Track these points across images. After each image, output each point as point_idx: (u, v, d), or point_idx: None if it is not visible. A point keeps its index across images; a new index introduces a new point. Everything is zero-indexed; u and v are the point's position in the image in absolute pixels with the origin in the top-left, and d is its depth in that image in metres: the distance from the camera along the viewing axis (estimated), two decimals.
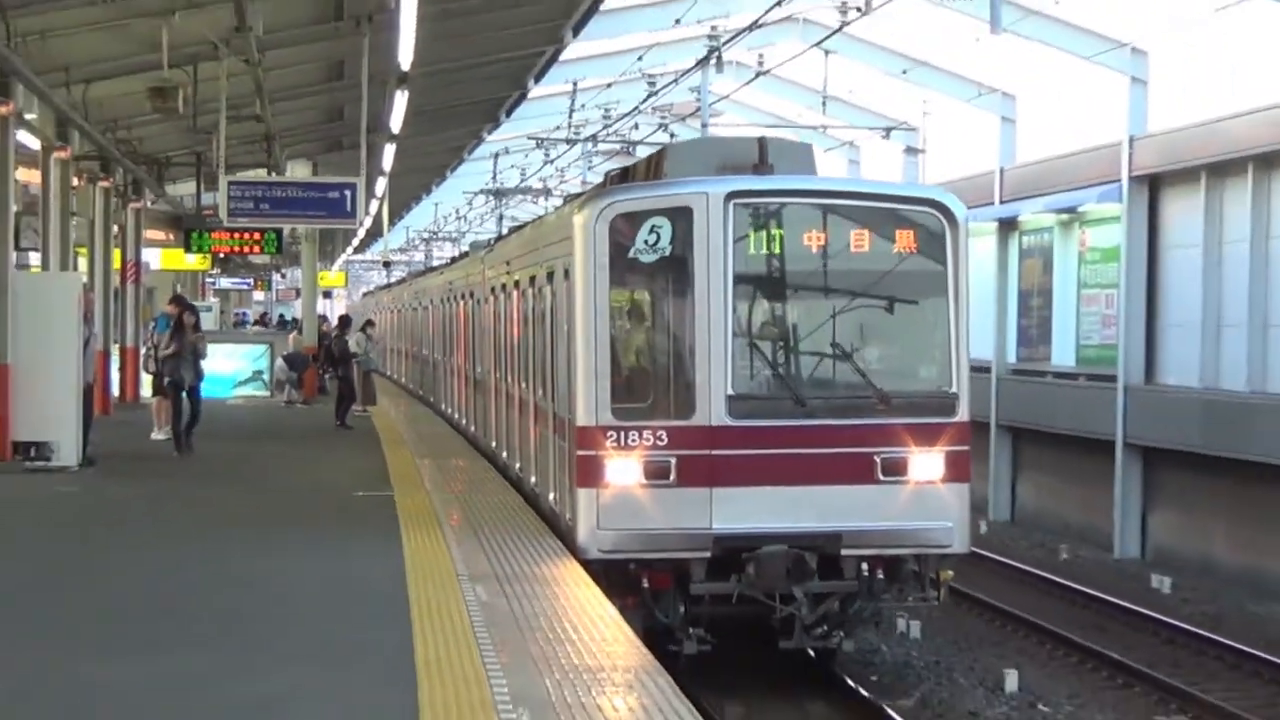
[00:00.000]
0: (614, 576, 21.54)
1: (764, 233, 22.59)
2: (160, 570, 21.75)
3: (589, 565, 21.30)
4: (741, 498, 22.00)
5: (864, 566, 22.32)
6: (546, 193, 66.03)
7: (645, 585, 21.95)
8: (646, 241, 21.99)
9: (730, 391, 21.96)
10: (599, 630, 17.61)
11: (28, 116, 35.16)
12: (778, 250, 22.69)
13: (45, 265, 39.63)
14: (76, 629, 17.86)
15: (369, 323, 56.78)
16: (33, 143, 37.66)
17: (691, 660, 22.27)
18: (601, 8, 40.71)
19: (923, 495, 22.30)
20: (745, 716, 23.82)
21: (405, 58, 31.39)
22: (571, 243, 22.72)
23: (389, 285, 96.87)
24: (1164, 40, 43.25)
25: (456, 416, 44.70)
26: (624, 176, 27.35)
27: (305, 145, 54.78)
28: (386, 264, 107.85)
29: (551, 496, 25.09)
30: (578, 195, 34.12)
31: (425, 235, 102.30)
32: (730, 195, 22.13)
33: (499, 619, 17.95)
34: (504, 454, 33.09)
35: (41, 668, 15.91)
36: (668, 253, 22.13)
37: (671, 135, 51.10)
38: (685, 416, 22.02)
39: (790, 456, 22.18)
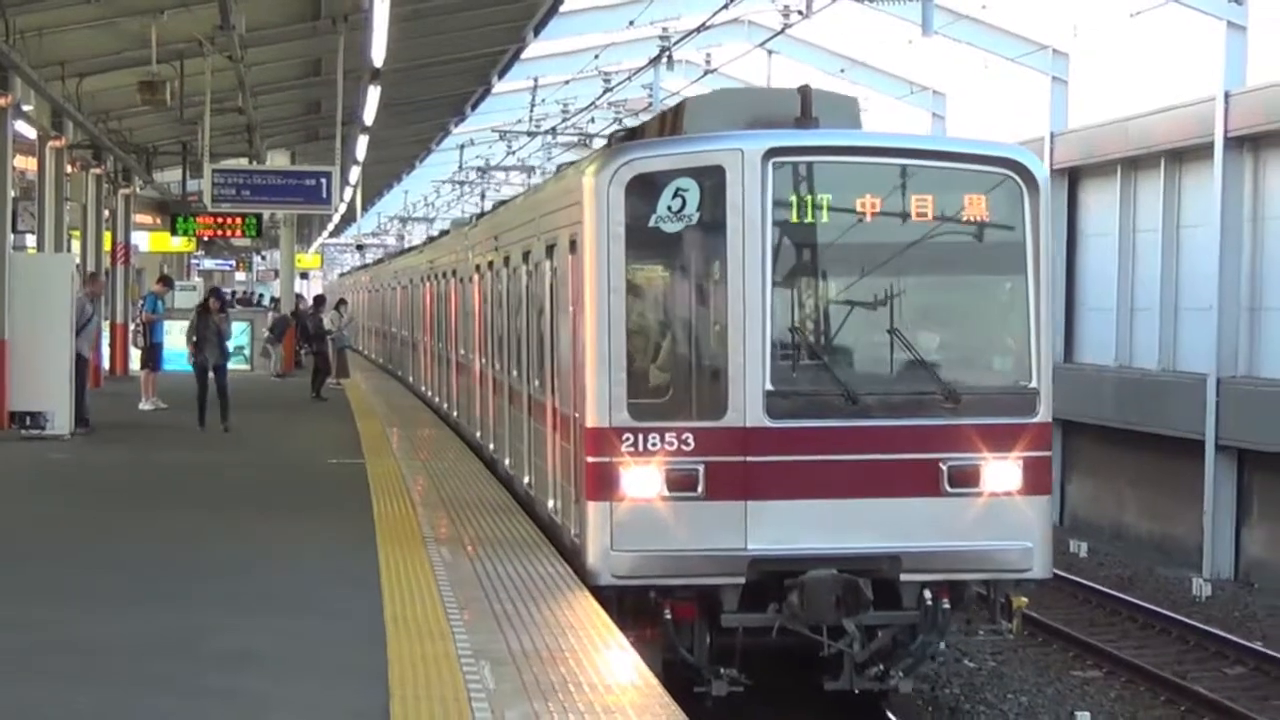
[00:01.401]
0: (630, 605, 16.92)
1: (809, 197, 17.32)
2: (147, 531, 21.50)
3: (600, 592, 16.60)
4: (782, 513, 16.88)
5: (927, 594, 17.18)
6: (528, 170, 65.39)
7: (668, 616, 17.04)
8: (670, 208, 16.86)
9: (769, 387, 16.84)
10: (558, 589, 16.96)
11: (25, 108, 35.15)
12: (825, 218, 17.37)
13: (40, 247, 39.55)
14: (68, 586, 17.63)
15: (341, 301, 57.20)
16: (29, 132, 37.60)
17: (719, 701, 17.40)
18: (560, 9, 40.68)
19: (997, 510, 17.15)
20: None
21: (378, 55, 31.38)
22: (580, 209, 17.57)
23: (364, 266, 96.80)
24: (1082, 43, 43.30)
25: (448, 409, 38.49)
26: (631, 137, 22.05)
27: (284, 136, 54.79)
28: (359, 247, 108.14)
29: (551, 504, 20.44)
30: (571, 163, 28.85)
31: (397, 219, 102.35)
32: (770, 152, 17.02)
33: (463, 579, 17.54)
34: (490, 446, 28.46)
35: (37, 621, 15.66)
36: (695, 220, 17.01)
37: (624, 127, 51.23)
38: (715, 416, 16.92)
39: (839, 464, 17.05)
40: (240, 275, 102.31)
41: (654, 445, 16.86)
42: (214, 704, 12.71)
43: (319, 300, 56.24)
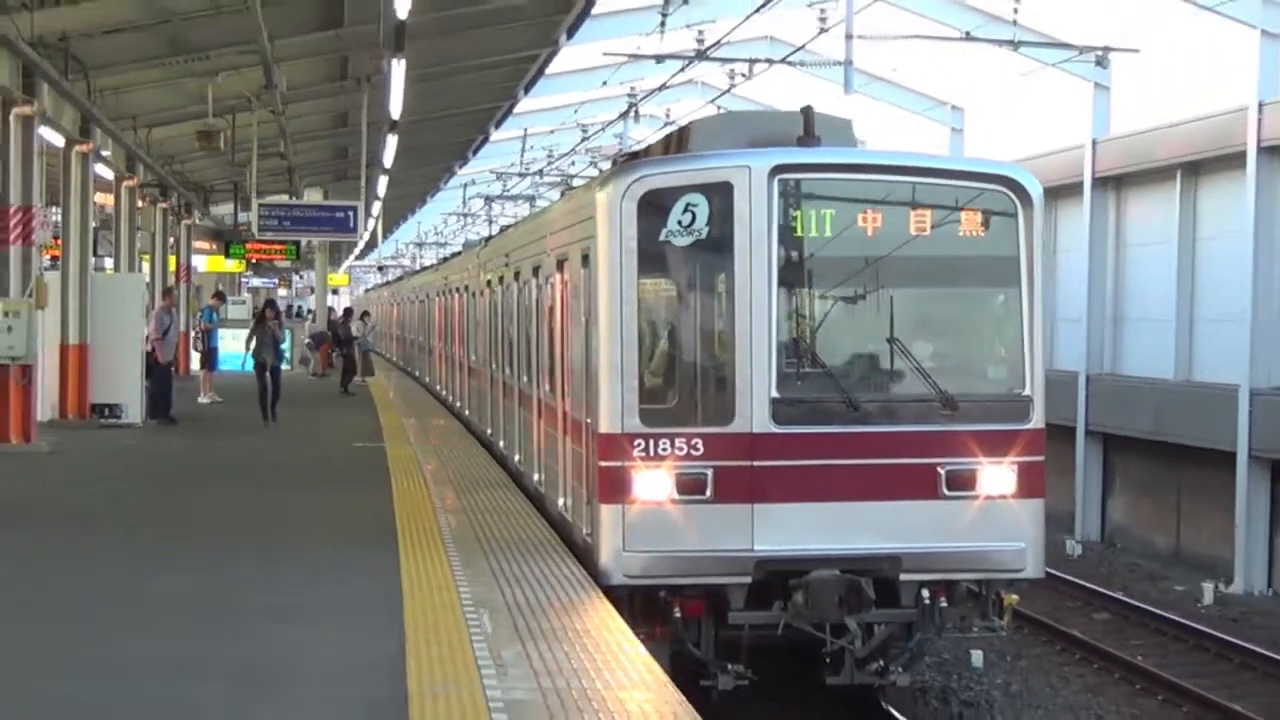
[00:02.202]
0: (641, 604, 15.12)
1: (813, 212, 15.39)
2: (203, 501, 21.59)
3: (612, 591, 14.74)
4: (787, 515, 15.02)
5: (925, 593, 15.37)
6: (529, 199, 64.73)
7: (678, 614, 15.17)
8: (680, 222, 14.94)
9: (775, 394, 14.93)
10: (545, 550, 16.78)
11: (104, 153, 35.22)
12: (828, 232, 15.40)
13: (116, 268, 39.85)
14: (141, 547, 17.75)
15: (365, 313, 57.43)
16: (108, 174, 37.69)
17: (724, 694, 15.60)
18: (546, 71, 40.66)
19: (993, 513, 15.26)
20: None
21: (395, 109, 31.57)
22: (593, 224, 15.57)
23: (386, 283, 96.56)
24: (975, 97, 42.68)
25: (460, 407, 36.06)
26: (634, 159, 19.28)
27: (318, 176, 54.96)
28: (380, 268, 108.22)
29: (561, 503, 18.38)
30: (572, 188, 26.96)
31: (412, 244, 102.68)
32: (776, 169, 15.12)
33: (464, 540, 17.47)
34: (500, 443, 26.08)
35: (112, 578, 15.83)
36: (704, 235, 14.99)
37: (599, 171, 51.23)
38: (723, 423, 14.99)
39: (842, 468, 15.14)
40: (282, 291, 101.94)
41: (664, 450, 14.83)
42: (260, 645, 12.63)
43: (348, 311, 56.60)
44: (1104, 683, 22.10)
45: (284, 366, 35.94)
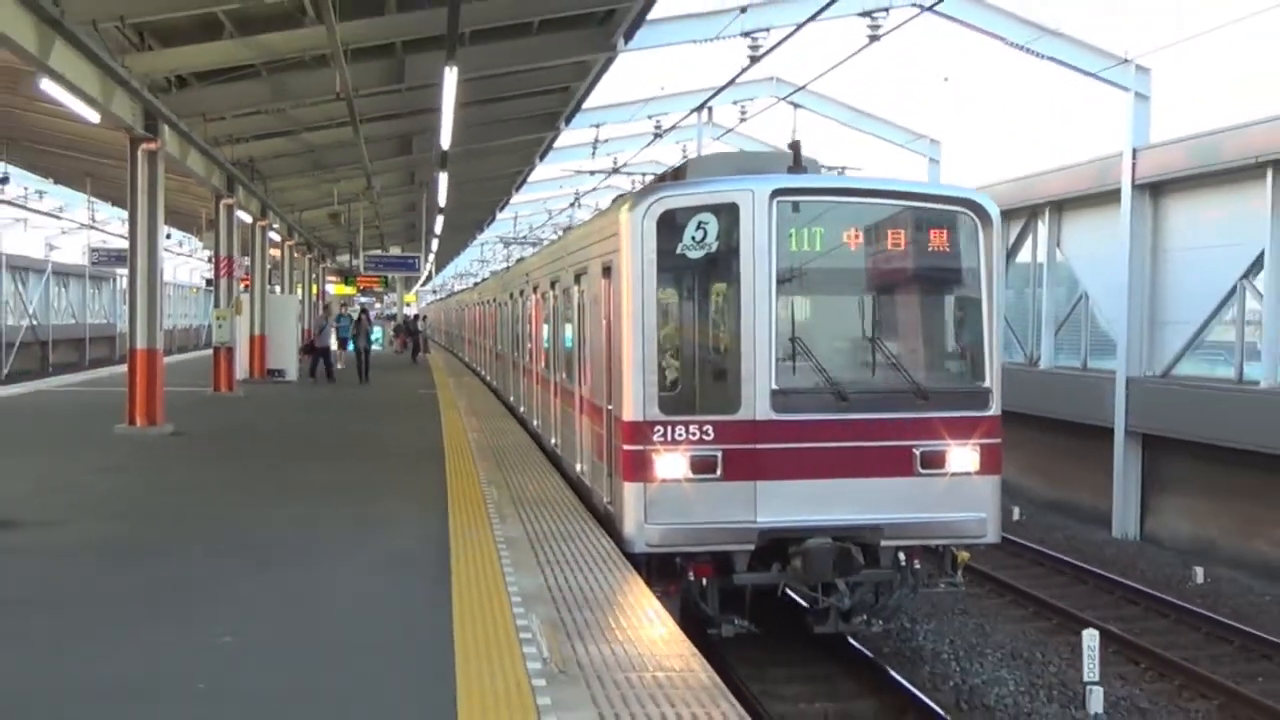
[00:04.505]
0: (658, 567, 11.62)
1: (805, 230, 11.81)
2: (328, 425, 21.16)
3: (634, 558, 11.14)
4: (785, 491, 11.43)
5: (901, 556, 11.93)
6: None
7: (691, 577, 11.60)
8: (693, 238, 11.58)
9: (774, 386, 11.40)
10: (543, 465, 15.19)
11: (274, 226, 35.81)
12: (818, 247, 11.81)
13: (282, 292, 40.35)
14: (295, 450, 17.26)
15: (420, 316, 58.13)
16: (276, 237, 38.17)
17: (727, 641, 12.17)
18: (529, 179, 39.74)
19: (959, 487, 11.66)
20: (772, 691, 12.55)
21: (441, 200, 32.06)
22: (618, 239, 11.97)
23: (441, 299, 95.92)
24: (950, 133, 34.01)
25: (489, 378, 31.53)
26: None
27: (396, 238, 54.95)
28: (433, 290, 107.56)
29: (579, 468, 14.21)
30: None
31: (457, 275, 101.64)
32: (776, 192, 11.66)
33: (485, 450, 16.37)
34: (520, 408, 21.79)
35: (276, 465, 15.49)
36: (713, 249, 11.55)
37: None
38: (730, 411, 11.36)
39: (832, 450, 11.54)
40: (377, 305, 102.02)
41: (680, 435, 11.25)
42: (359, 509, 12.08)
43: (416, 317, 57.30)
44: (999, 604, 16.56)
45: (376, 347, 36.34)
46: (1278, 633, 14.77)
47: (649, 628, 7.72)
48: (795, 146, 12.60)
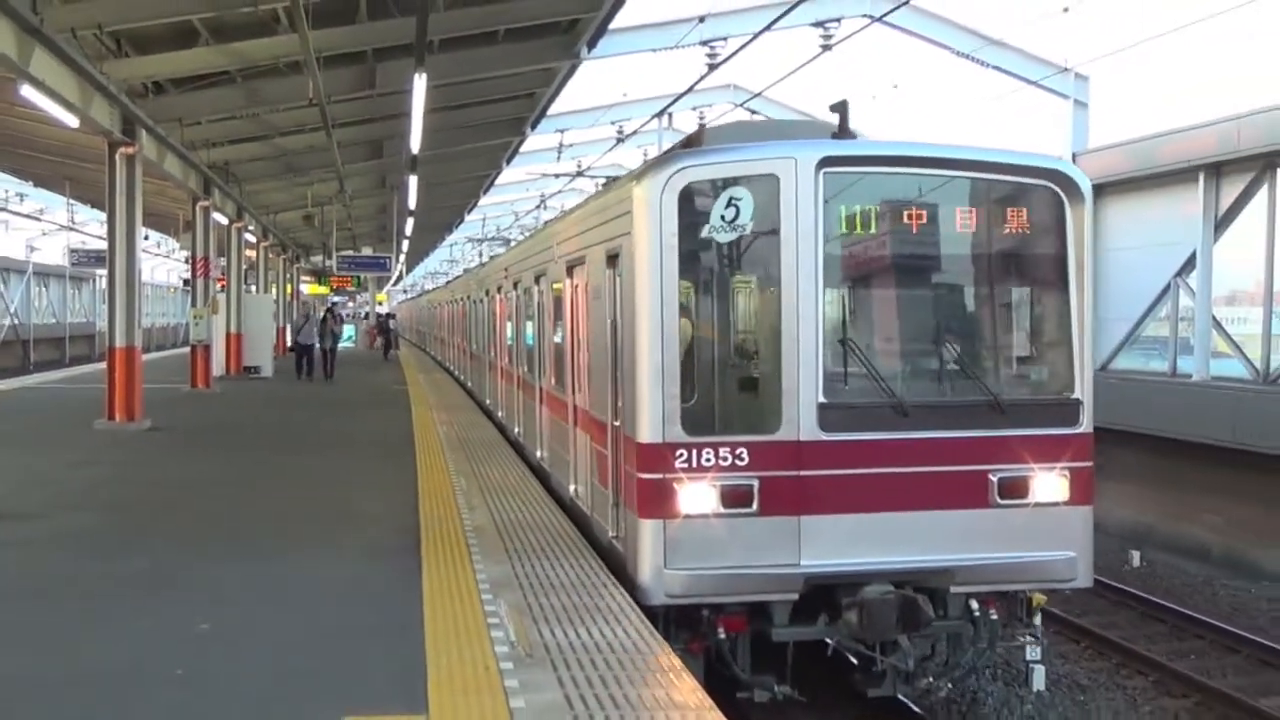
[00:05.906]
0: (680, 620, 8.69)
1: (859, 207, 8.68)
2: (299, 417, 21.11)
3: (652, 610, 8.29)
4: (834, 527, 8.51)
5: (974, 604, 8.96)
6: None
7: (720, 633, 8.64)
8: (724, 217, 8.43)
9: (822, 399, 8.45)
10: (500, 445, 15.68)
11: (250, 228, 35.58)
12: (874, 229, 8.75)
13: (257, 291, 39.93)
14: (270, 444, 17.36)
15: (391, 315, 57.91)
16: (251, 239, 37.79)
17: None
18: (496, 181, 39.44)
19: (1043, 520, 8.74)
20: None
21: (411, 203, 32.07)
22: (630, 219, 8.72)
23: (411, 298, 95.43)
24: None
25: (460, 376, 30.02)
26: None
27: (369, 238, 54.68)
28: (404, 290, 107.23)
29: (572, 489, 11.52)
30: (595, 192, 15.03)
31: (428, 274, 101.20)
32: (824, 161, 8.50)
33: (453, 440, 16.62)
34: (499, 413, 18.99)
35: (252, 458, 15.64)
36: (747, 230, 8.49)
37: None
38: (768, 430, 8.44)
39: (891, 476, 8.59)
40: (350, 304, 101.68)
41: (708, 461, 8.34)
42: (340, 493, 12.36)
43: (389, 315, 57.08)
44: None
45: (348, 344, 35.31)
46: (1207, 613, 15.08)
47: (612, 614, 7.71)
48: (842, 108, 9.21)
